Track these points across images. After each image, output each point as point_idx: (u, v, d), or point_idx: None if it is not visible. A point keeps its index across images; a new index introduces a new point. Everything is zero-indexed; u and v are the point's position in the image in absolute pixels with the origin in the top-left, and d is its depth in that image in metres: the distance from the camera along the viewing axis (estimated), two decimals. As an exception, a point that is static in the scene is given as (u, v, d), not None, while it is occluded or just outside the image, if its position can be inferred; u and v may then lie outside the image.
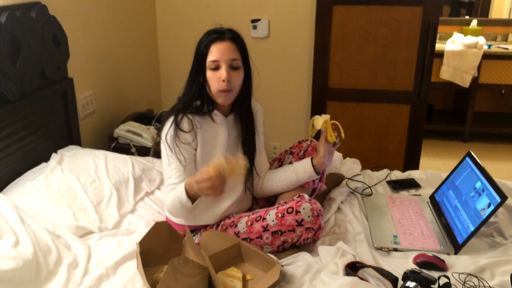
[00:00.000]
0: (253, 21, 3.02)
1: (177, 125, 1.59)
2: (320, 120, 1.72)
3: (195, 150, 1.64)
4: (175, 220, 1.72)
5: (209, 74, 1.59)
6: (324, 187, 1.87)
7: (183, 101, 1.65)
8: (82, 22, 2.31)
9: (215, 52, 1.56)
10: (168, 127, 1.60)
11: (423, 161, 3.18)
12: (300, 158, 1.81)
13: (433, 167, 2.95)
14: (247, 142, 1.74)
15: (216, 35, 1.58)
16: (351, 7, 2.83)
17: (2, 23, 1.70)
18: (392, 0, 2.76)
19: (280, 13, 3.00)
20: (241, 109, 1.70)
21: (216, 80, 1.58)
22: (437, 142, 4.03)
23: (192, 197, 1.52)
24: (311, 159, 1.74)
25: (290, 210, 1.55)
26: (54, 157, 1.95)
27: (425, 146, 3.69)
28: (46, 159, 1.96)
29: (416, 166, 3.04)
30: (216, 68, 1.58)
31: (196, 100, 1.65)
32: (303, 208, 1.54)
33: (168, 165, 1.62)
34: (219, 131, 1.67)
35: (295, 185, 1.77)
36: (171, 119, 1.61)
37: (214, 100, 1.64)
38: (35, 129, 1.94)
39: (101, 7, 2.47)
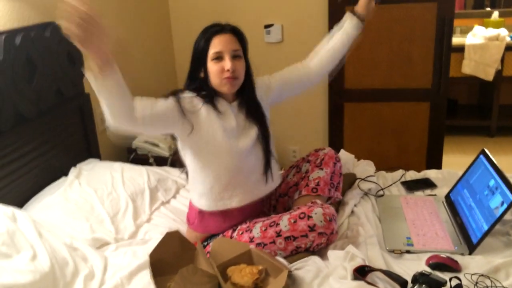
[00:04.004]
0: (266, 26, 3.03)
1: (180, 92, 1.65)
2: None
3: (189, 126, 1.60)
4: (200, 205, 1.69)
5: (211, 65, 1.60)
6: (339, 197, 1.85)
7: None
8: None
9: (218, 44, 1.59)
10: None
11: (448, 158, 3.10)
12: (317, 166, 1.82)
13: (458, 164, 2.87)
14: (261, 128, 1.71)
15: (217, 28, 1.62)
16: (363, 7, 2.80)
17: (18, 45, 1.77)
18: (405, -3, 2.73)
19: (293, 17, 3.00)
20: (246, 97, 1.70)
21: (219, 70, 1.59)
22: (463, 138, 3.93)
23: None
24: (352, 11, 1.79)
25: (302, 215, 1.56)
26: (73, 171, 2.02)
27: (450, 142, 3.60)
28: (66, 173, 2.02)
29: (438, 164, 2.97)
30: (219, 59, 1.59)
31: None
32: (315, 213, 1.54)
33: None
34: (225, 115, 1.65)
35: (347, 44, 1.81)
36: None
37: (217, 92, 1.64)
38: (54, 145, 2.01)
39: (116, 23, 2.53)
